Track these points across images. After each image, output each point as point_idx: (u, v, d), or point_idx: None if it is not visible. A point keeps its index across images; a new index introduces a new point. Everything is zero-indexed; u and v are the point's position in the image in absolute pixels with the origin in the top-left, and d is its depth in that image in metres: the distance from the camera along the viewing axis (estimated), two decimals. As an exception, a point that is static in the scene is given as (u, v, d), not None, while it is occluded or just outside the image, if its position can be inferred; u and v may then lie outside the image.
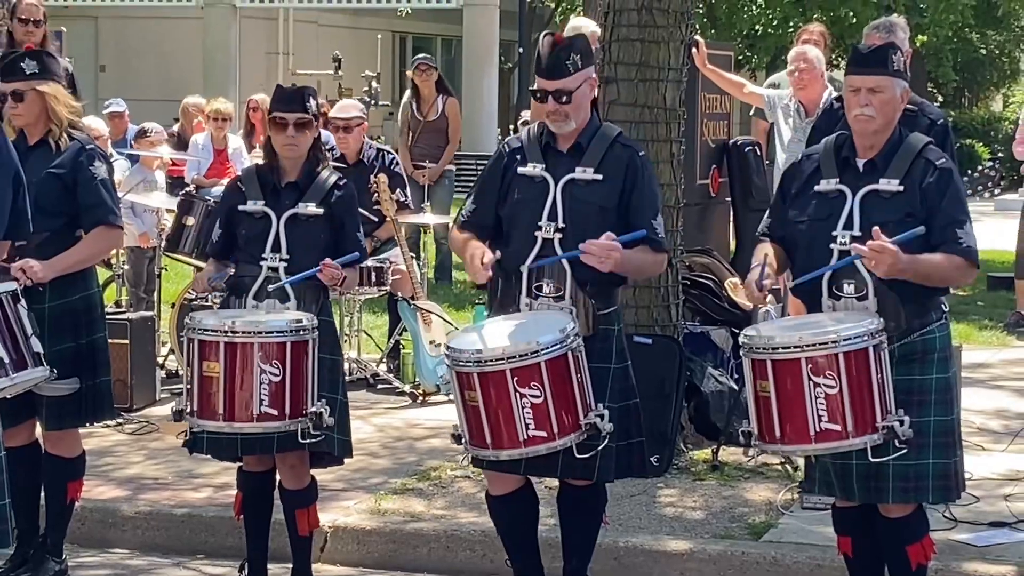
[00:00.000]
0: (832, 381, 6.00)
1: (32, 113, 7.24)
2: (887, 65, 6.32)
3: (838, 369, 6.00)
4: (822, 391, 6.00)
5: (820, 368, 6.01)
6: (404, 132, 16.54)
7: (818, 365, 6.01)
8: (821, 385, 6.00)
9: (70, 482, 7.52)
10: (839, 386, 5.99)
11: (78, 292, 7.36)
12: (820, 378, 6.00)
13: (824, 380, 6.00)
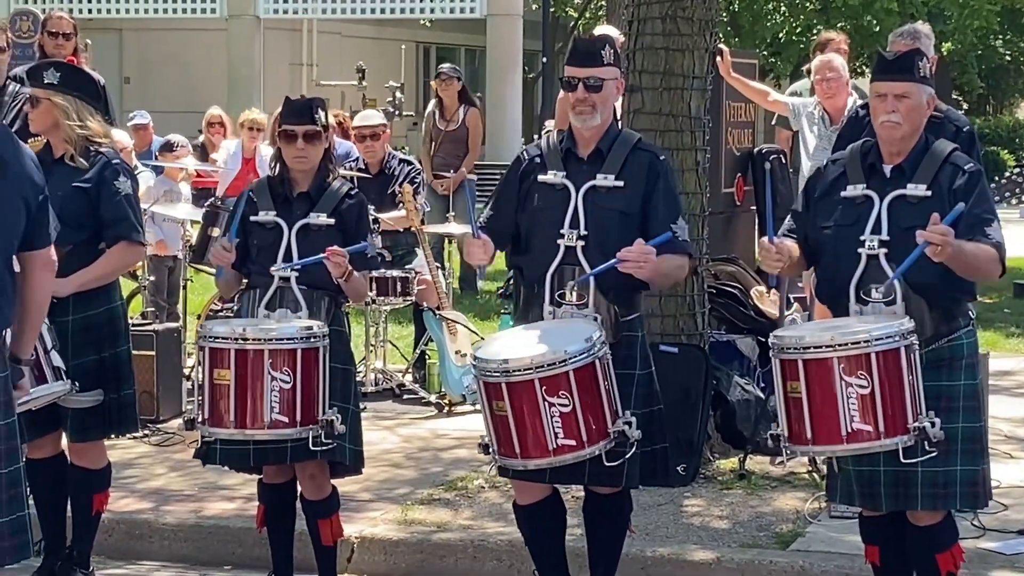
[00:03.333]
0: (864, 381, 5.99)
1: (44, 122, 7.25)
2: (914, 71, 6.32)
3: (870, 369, 5.99)
4: (854, 391, 5.98)
5: (852, 367, 5.99)
6: (426, 142, 16.60)
7: (850, 364, 5.99)
8: (853, 385, 5.99)
9: (95, 494, 7.55)
10: (871, 386, 5.98)
11: (101, 305, 7.39)
12: (852, 378, 5.99)
13: (856, 380, 5.99)
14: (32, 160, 5.78)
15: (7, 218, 5.51)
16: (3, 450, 5.46)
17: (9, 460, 5.49)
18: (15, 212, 5.53)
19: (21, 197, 5.54)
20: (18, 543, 5.55)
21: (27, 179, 5.60)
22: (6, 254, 5.52)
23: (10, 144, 5.63)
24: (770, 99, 12.34)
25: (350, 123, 13.26)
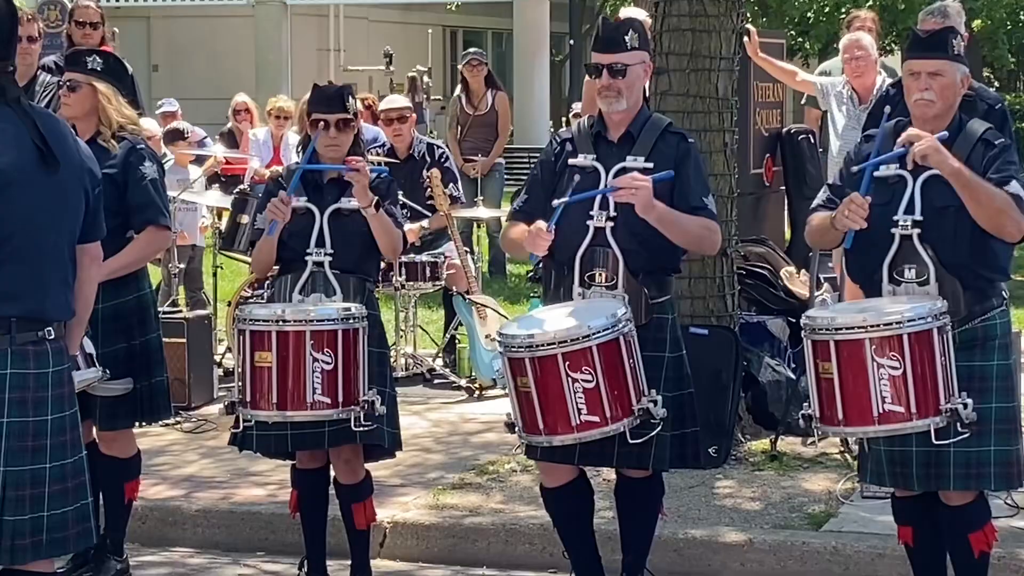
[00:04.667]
0: (896, 362, 5.97)
1: (81, 107, 7.29)
2: (947, 49, 6.29)
3: (902, 350, 5.97)
4: (886, 372, 5.97)
5: (884, 349, 5.98)
6: (453, 126, 16.61)
7: (882, 346, 5.98)
8: (885, 366, 5.97)
9: (126, 482, 7.59)
10: (903, 367, 5.96)
11: (131, 293, 7.42)
12: (884, 359, 5.98)
13: (888, 361, 5.98)
14: (89, 153, 5.81)
15: (73, 209, 5.53)
16: (67, 440, 5.49)
17: (73, 449, 5.52)
18: (78, 204, 5.55)
19: (83, 188, 5.57)
20: (82, 530, 5.58)
21: (87, 171, 5.63)
22: (71, 245, 5.55)
23: (68, 138, 5.65)
24: (798, 79, 12.32)
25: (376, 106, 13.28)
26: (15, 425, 5.35)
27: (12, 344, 5.33)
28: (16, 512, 5.37)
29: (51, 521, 5.44)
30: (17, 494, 5.36)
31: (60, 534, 5.47)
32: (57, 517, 5.46)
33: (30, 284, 5.38)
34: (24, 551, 5.41)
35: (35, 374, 5.40)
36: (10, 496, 5.34)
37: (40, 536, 5.42)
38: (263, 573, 7.80)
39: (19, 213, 5.33)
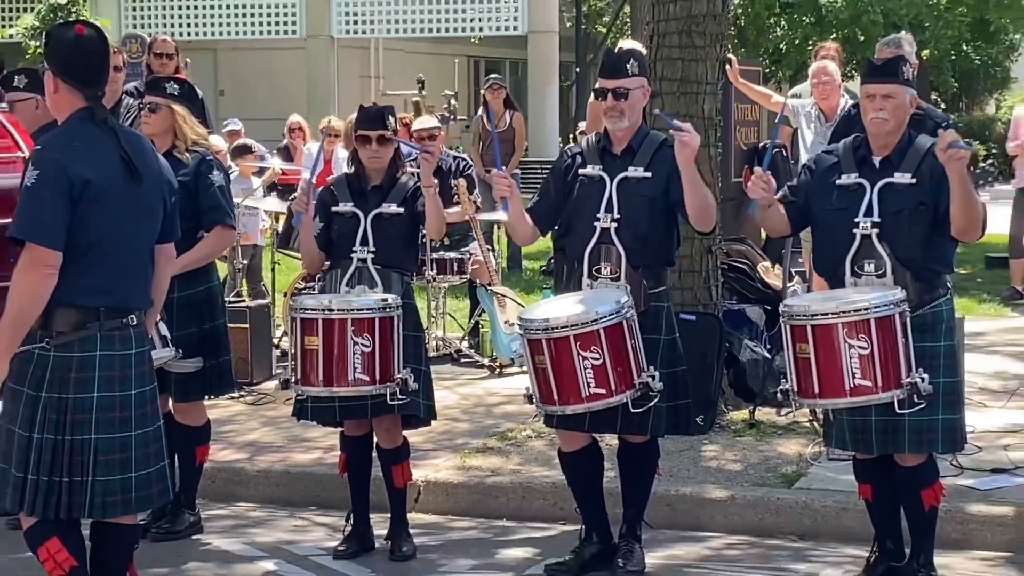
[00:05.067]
0: (864, 343, 6.00)
1: (160, 125, 7.32)
2: (898, 75, 6.33)
3: (870, 333, 6.01)
4: (856, 352, 6.00)
5: (854, 332, 6.01)
6: (476, 142, 16.65)
7: (852, 329, 6.01)
8: (855, 347, 6.01)
9: (198, 447, 7.63)
10: (870, 347, 6.00)
11: (201, 284, 7.44)
12: (854, 340, 6.01)
13: (857, 342, 6.01)
14: (167, 166, 5.83)
15: (153, 215, 5.56)
16: (148, 411, 5.53)
17: (153, 419, 5.56)
18: (157, 211, 5.58)
19: (161, 198, 5.59)
20: (162, 488, 5.63)
21: (166, 183, 5.65)
22: (151, 246, 5.57)
23: (149, 153, 5.67)
24: (772, 101, 12.32)
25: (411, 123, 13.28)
26: (104, 399, 5.38)
27: (100, 330, 5.36)
28: (107, 474, 5.40)
29: (136, 481, 5.47)
30: (107, 458, 5.39)
31: (144, 492, 5.51)
32: (141, 478, 5.49)
33: (116, 280, 5.41)
34: (114, 507, 5.45)
35: (120, 355, 5.42)
36: (100, 460, 5.38)
37: (129, 494, 5.46)
38: (315, 524, 7.79)
39: (109, 220, 5.35)
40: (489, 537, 7.54)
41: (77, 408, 5.36)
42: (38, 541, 5.46)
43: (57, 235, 5.24)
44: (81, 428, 5.37)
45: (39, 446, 5.36)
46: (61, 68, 5.47)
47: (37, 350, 5.35)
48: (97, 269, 5.35)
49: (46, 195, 5.25)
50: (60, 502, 5.37)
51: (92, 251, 5.32)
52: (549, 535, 7.47)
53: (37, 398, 5.37)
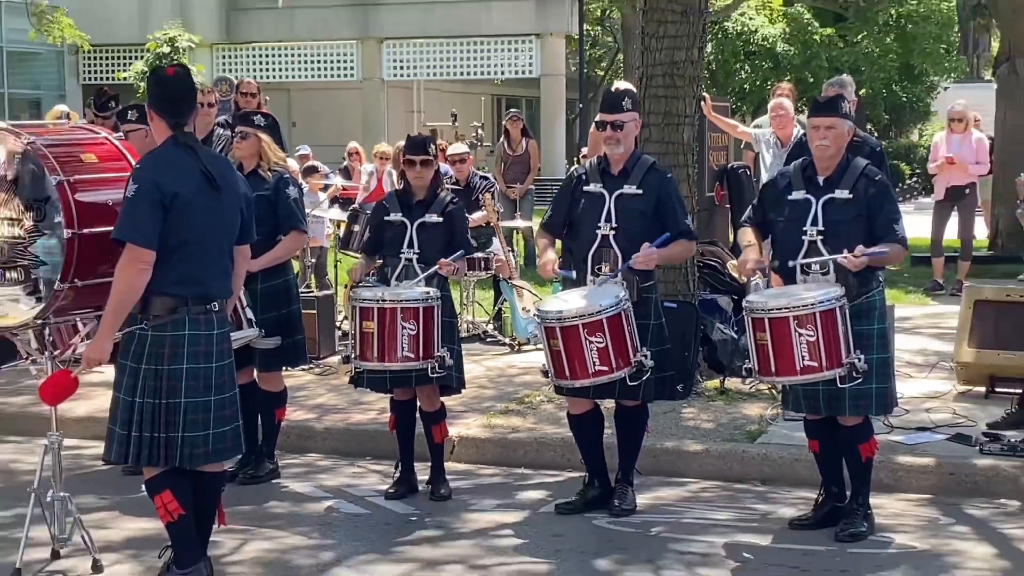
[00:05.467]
0: (812, 332, 6.00)
1: (249, 150, 7.36)
2: (838, 110, 6.33)
3: (816, 324, 6.00)
4: (804, 339, 6.00)
5: (803, 323, 6.00)
6: (498, 164, 16.61)
7: (801, 321, 6.01)
8: (803, 335, 6.00)
9: (277, 409, 7.64)
10: (816, 335, 5.99)
11: (280, 277, 7.46)
12: (803, 330, 6.00)
13: (806, 332, 6.00)
14: (243, 180, 5.87)
15: (231, 221, 5.57)
16: (226, 380, 5.56)
17: (230, 387, 5.59)
18: (235, 218, 5.59)
19: (239, 207, 5.61)
20: (236, 443, 5.66)
21: (242, 194, 5.67)
22: (230, 246, 5.59)
23: (228, 170, 5.71)
24: (739, 130, 12.29)
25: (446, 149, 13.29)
26: (191, 370, 5.42)
27: (188, 314, 5.39)
28: (193, 431, 5.44)
29: (215, 437, 5.50)
30: (194, 418, 5.43)
31: (221, 446, 5.54)
32: (219, 434, 5.52)
33: (200, 274, 5.43)
34: (199, 457, 5.48)
35: (204, 335, 5.45)
36: (189, 420, 5.42)
37: (210, 447, 5.49)
38: (370, 471, 7.79)
39: (194, 224, 5.37)
40: (510, 482, 7.53)
41: (170, 377, 5.40)
42: (155, 491, 5.51)
43: (151, 237, 5.27)
44: (173, 393, 5.40)
45: (140, 409, 5.40)
46: (154, 102, 5.52)
47: (138, 331, 5.40)
48: (185, 264, 5.38)
49: (142, 205, 5.28)
50: (158, 453, 5.42)
51: (180, 249, 5.35)
52: (559, 480, 7.46)
53: (138, 369, 5.41)
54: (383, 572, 5.94)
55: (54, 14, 21.32)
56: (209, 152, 5.77)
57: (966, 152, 13.95)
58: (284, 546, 6.34)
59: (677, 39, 9.11)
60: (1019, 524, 6.58)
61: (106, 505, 7.03)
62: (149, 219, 5.26)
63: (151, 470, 5.49)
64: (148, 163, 5.46)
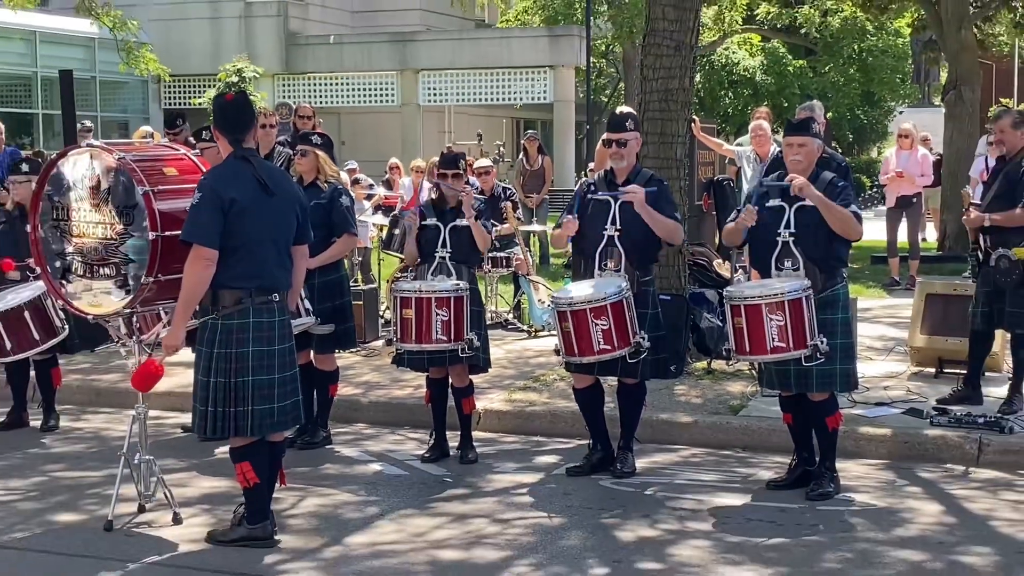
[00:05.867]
0: (781, 318, 5.98)
1: (308, 165, 7.38)
2: (809, 130, 6.31)
3: (784, 310, 5.97)
4: (775, 323, 5.98)
5: (773, 310, 5.98)
6: (517, 177, 16.60)
7: (772, 308, 5.99)
8: (774, 320, 5.99)
9: (330, 385, 7.65)
10: (785, 320, 5.98)
11: (334, 273, 7.46)
12: (774, 316, 5.99)
13: (776, 317, 5.99)
14: (299, 188, 5.89)
15: (288, 223, 5.58)
16: (287, 361, 5.57)
17: (290, 367, 5.60)
18: (291, 220, 5.60)
19: (294, 211, 5.61)
20: (296, 415, 5.67)
21: (297, 199, 5.68)
22: (287, 245, 5.59)
23: (284, 179, 5.72)
24: (724, 148, 12.25)
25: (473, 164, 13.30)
26: (256, 353, 5.43)
27: (252, 304, 5.41)
28: (259, 404, 5.45)
29: (278, 410, 5.51)
30: (261, 394, 5.44)
31: (282, 417, 5.55)
32: (282, 408, 5.52)
33: (262, 269, 5.44)
34: (264, 428, 5.50)
35: (267, 322, 5.46)
36: (256, 395, 5.43)
37: (273, 418, 5.50)
38: (408, 439, 7.79)
39: (252, 227, 5.39)
40: (527, 448, 7.54)
41: (238, 359, 5.41)
42: (237, 460, 5.55)
43: (213, 238, 5.28)
44: (242, 373, 5.41)
45: (214, 387, 5.42)
46: (217, 123, 5.55)
47: (210, 320, 5.41)
48: (247, 261, 5.39)
49: (204, 210, 5.30)
50: (230, 425, 5.43)
51: (242, 248, 5.36)
52: (569, 447, 7.46)
53: (211, 354, 5.42)
54: (420, 524, 5.95)
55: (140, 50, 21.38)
56: (267, 164, 5.79)
57: (912, 166, 13.98)
58: (335, 502, 6.36)
59: (671, 70, 9.10)
60: (963, 485, 6.57)
61: (184, 467, 7.07)
62: (210, 222, 5.28)
63: (236, 441, 5.50)
64: (210, 175, 5.50)
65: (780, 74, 34.83)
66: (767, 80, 34.74)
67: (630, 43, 30.36)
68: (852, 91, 35.52)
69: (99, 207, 5.76)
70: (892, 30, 34.23)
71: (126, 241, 5.67)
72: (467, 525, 5.93)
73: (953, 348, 8.64)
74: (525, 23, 35.58)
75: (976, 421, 7.21)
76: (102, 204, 5.76)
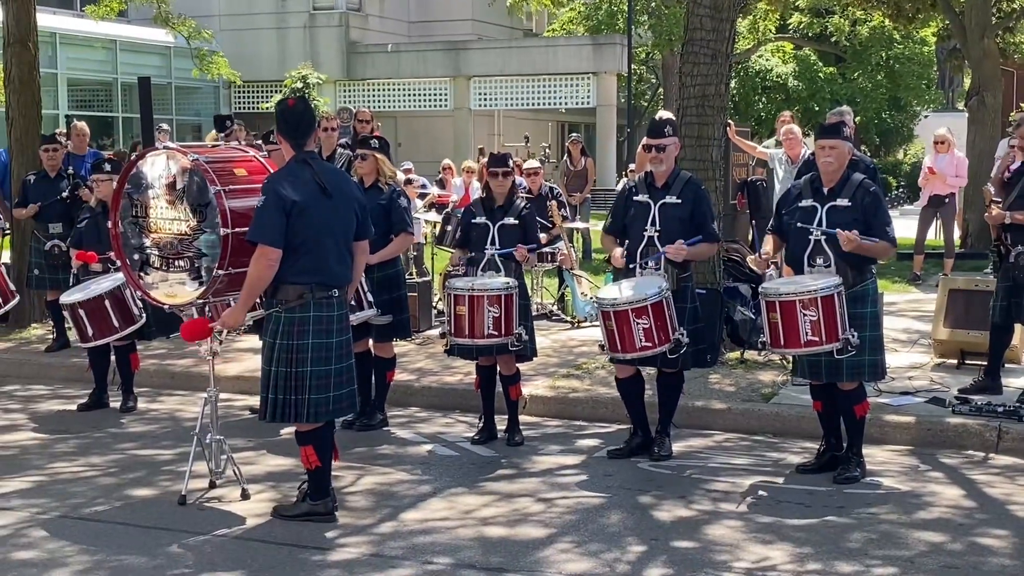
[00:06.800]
0: (814, 313, 5.93)
1: (369, 168, 7.37)
2: (840, 133, 6.24)
3: (817, 306, 5.92)
4: (808, 319, 5.93)
5: (807, 305, 5.94)
6: (562, 177, 16.58)
7: (805, 304, 5.94)
8: (807, 315, 5.94)
9: (387, 371, 7.67)
10: (818, 316, 5.93)
11: (391, 268, 7.46)
12: (807, 311, 5.94)
13: (809, 312, 5.94)
14: (358, 187, 5.89)
15: (347, 221, 5.59)
16: (344, 352, 5.58)
17: (347, 358, 5.60)
18: (350, 217, 5.61)
19: (352, 210, 5.62)
20: (352, 402, 5.68)
21: (356, 199, 5.68)
22: (347, 242, 5.60)
23: (343, 180, 5.72)
24: (757, 151, 12.17)
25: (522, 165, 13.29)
26: (315, 344, 5.44)
27: (312, 298, 5.41)
28: (318, 393, 5.46)
29: (335, 398, 5.52)
30: (317, 383, 5.45)
31: (338, 405, 5.56)
32: (338, 395, 5.53)
33: (322, 265, 5.44)
34: (322, 414, 5.51)
35: (326, 315, 5.46)
36: (313, 384, 5.45)
37: (328, 407, 5.51)
38: (459, 422, 7.81)
39: (313, 225, 5.39)
40: (570, 432, 7.52)
41: (298, 350, 5.43)
42: (302, 443, 5.58)
43: (277, 238, 5.30)
44: (302, 363, 5.43)
45: (275, 376, 5.45)
46: (279, 127, 5.56)
47: (274, 313, 5.44)
48: (308, 258, 5.40)
49: (268, 212, 5.32)
50: (290, 412, 5.46)
51: (303, 246, 5.37)
52: (609, 431, 7.45)
53: (274, 344, 5.45)
54: (469, 502, 5.96)
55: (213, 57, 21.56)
56: (326, 166, 5.79)
57: (947, 167, 13.79)
58: (391, 480, 6.38)
59: (708, 77, 9.03)
60: (983, 471, 6.49)
61: (252, 446, 7.12)
62: (274, 223, 5.29)
63: (303, 426, 5.53)
64: (273, 178, 5.50)
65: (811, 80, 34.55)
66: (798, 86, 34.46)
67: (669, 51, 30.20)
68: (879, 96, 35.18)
69: (174, 204, 5.81)
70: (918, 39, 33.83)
71: (199, 236, 5.72)
72: (513, 503, 5.92)
73: (974, 341, 8.54)
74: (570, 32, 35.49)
75: (996, 410, 7.12)
76: (177, 202, 5.82)
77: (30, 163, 10.78)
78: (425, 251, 13.05)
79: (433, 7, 37.63)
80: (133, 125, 29.68)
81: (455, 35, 36.16)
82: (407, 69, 34.54)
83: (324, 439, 5.56)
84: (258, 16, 34.72)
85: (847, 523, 5.56)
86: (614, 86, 34.01)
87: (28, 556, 5.15)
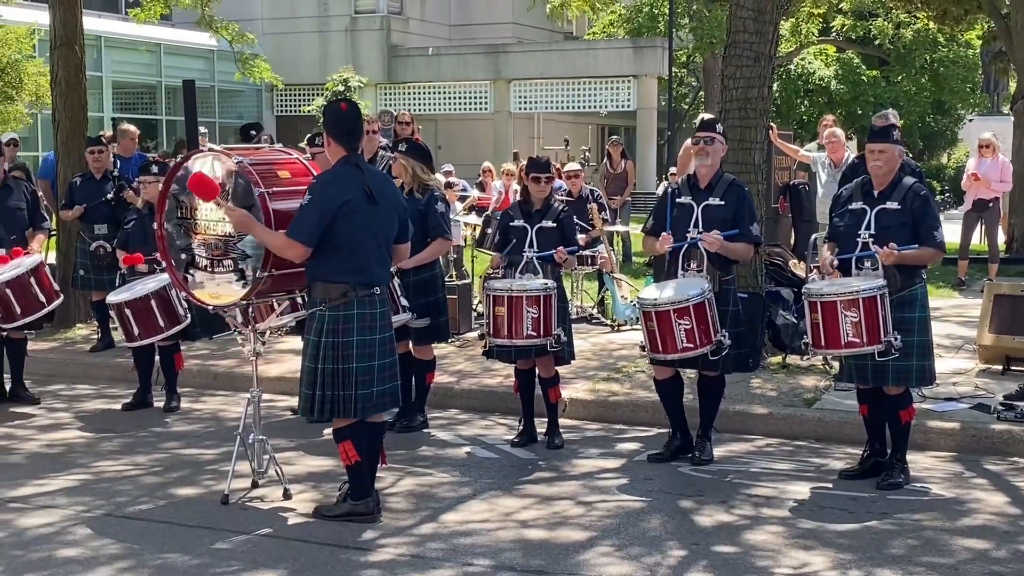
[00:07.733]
0: (855, 314, 5.90)
1: (397, 171, 7.39)
2: (890, 137, 6.20)
3: (859, 307, 5.89)
4: (849, 319, 5.90)
5: (848, 306, 5.91)
6: (602, 180, 16.55)
7: (847, 305, 5.91)
8: (848, 316, 5.90)
9: (427, 373, 7.68)
10: (859, 317, 5.90)
11: (429, 271, 7.47)
12: (848, 312, 5.91)
13: (850, 313, 5.91)
14: (399, 192, 5.91)
15: (389, 224, 5.62)
16: (387, 349, 5.60)
17: (390, 355, 5.63)
18: (392, 221, 5.64)
19: (395, 213, 5.65)
20: (393, 398, 5.70)
21: (398, 204, 5.72)
22: (388, 244, 5.64)
23: (387, 184, 5.76)
24: (799, 154, 12.11)
25: (561, 168, 13.27)
26: (359, 341, 5.48)
27: (356, 297, 5.45)
28: (362, 388, 5.50)
29: (378, 394, 5.55)
30: (362, 379, 5.49)
31: (381, 400, 5.59)
32: (381, 391, 5.56)
33: (364, 266, 5.48)
34: (366, 409, 5.54)
35: (369, 313, 5.50)
36: (359, 380, 5.48)
37: (373, 401, 5.54)
38: (498, 424, 7.81)
39: (358, 227, 5.43)
40: (610, 435, 7.50)
41: (343, 347, 5.46)
42: (340, 439, 5.61)
43: (312, 238, 5.36)
44: (346, 360, 5.46)
45: (321, 373, 5.48)
46: (330, 129, 5.58)
47: (318, 311, 5.47)
48: (352, 258, 5.44)
49: (311, 211, 5.38)
50: (338, 407, 5.49)
51: (347, 246, 5.41)
52: (649, 435, 7.42)
53: (319, 342, 5.49)
54: (509, 504, 5.96)
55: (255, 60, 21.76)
56: (373, 170, 5.83)
57: (991, 172, 13.64)
58: (431, 482, 6.40)
59: (750, 79, 8.98)
60: (1031, 479, 6.40)
61: (293, 446, 7.16)
62: (313, 223, 5.35)
63: (340, 422, 5.56)
64: (322, 179, 5.54)
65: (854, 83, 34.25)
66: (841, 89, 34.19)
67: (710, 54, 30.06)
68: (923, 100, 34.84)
69: (220, 206, 5.86)
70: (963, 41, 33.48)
71: (244, 238, 5.76)
72: (553, 506, 5.92)
73: (1019, 346, 8.45)
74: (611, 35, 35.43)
75: (1043, 417, 7.03)
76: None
77: (76, 165, 10.91)
78: (465, 254, 13.08)
79: (473, 10, 37.72)
80: (177, 128, 29.98)
81: (495, 38, 36.21)
82: (447, 72, 34.62)
83: (361, 434, 5.58)
84: (300, 20, 34.96)
85: (890, 529, 5.51)
86: (655, 89, 33.91)
87: (72, 554, 5.21)
